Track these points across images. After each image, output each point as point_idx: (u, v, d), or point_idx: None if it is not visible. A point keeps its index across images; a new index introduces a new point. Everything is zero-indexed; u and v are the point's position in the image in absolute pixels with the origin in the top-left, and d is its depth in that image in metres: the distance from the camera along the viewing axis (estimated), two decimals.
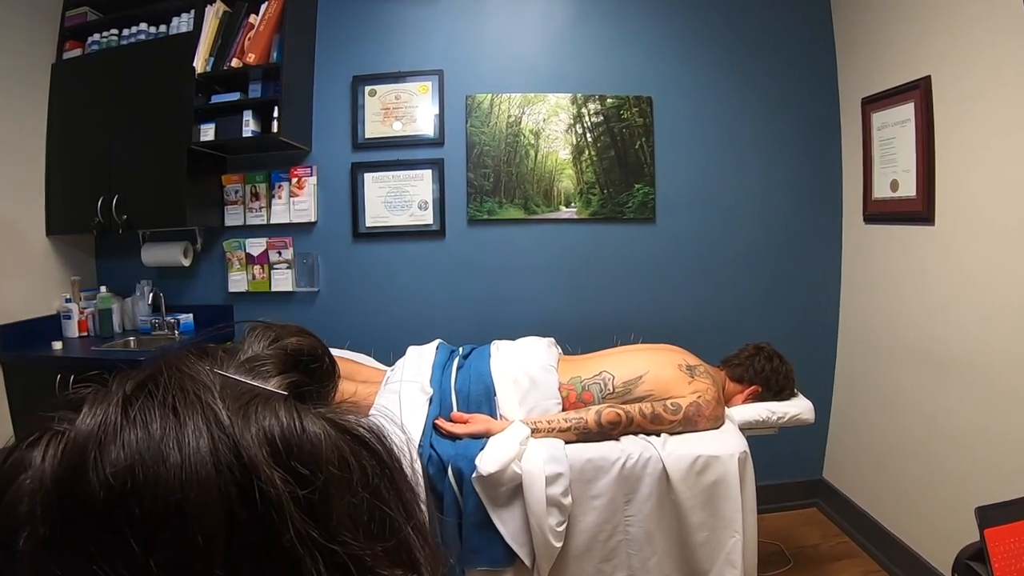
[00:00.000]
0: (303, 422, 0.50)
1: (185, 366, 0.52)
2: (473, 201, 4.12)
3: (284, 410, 0.50)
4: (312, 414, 0.51)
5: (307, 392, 0.56)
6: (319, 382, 0.59)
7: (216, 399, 0.49)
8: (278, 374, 0.55)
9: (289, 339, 0.60)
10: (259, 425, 0.48)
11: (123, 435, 0.46)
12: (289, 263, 4.17)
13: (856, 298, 4.04)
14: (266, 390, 0.52)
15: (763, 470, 3.03)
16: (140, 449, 0.45)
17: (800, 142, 4.16)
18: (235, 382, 0.52)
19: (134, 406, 0.48)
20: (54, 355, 3.75)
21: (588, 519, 2.69)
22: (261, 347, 0.59)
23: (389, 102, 4.11)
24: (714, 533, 2.69)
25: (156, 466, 0.44)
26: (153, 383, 0.50)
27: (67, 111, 4.06)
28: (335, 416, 0.53)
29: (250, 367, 0.55)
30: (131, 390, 0.49)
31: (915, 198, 3.35)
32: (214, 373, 0.52)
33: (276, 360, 0.57)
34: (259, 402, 0.50)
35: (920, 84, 3.27)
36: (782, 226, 4.18)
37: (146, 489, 0.44)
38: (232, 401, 0.49)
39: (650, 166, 4.11)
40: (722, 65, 4.13)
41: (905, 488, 3.48)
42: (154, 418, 0.47)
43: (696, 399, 2.86)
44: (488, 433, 2.79)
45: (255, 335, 0.60)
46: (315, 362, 0.60)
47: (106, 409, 0.47)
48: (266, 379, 0.54)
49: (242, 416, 0.48)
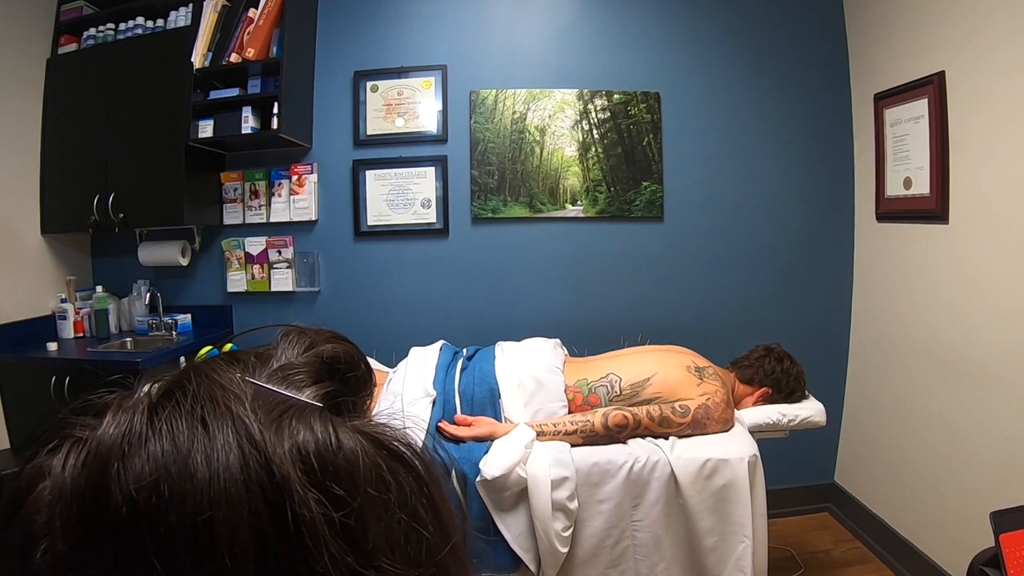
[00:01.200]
0: (339, 437, 0.48)
1: (216, 373, 0.51)
2: (477, 199, 4.13)
3: (319, 424, 0.48)
4: (348, 428, 0.49)
5: (343, 403, 0.54)
6: (355, 392, 0.57)
7: (247, 410, 0.47)
8: (313, 384, 0.53)
9: (324, 346, 0.59)
10: (293, 440, 0.46)
11: (148, 446, 0.44)
12: (289, 262, 4.18)
13: (868, 298, 4.05)
14: (300, 401, 0.50)
15: (773, 474, 3.04)
16: (166, 462, 0.43)
17: (811, 139, 4.16)
18: (267, 392, 0.50)
19: (160, 415, 0.46)
20: (49, 357, 3.75)
21: (595, 524, 2.69)
22: (295, 353, 0.57)
23: (391, 98, 4.12)
24: (723, 538, 2.69)
25: (183, 481, 0.43)
26: (181, 390, 0.48)
27: (62, 107, 4.07)
28: (371, 430, 0.51)
29: (283, 375, 0.53)
30: (157, 397, 0.48)
31: (929, 196, 3.35)
32: (245, 381, 0.51)
33: (311, 368, 0.55)
34: (293, 414, 0.48)
35: (934, 79, 3.27)
36: (793, 225, 4.19)
37: (171, 505, 0.42)
38: (264, 413, 0.47)
39: (658, 163, 4.12)
40: (732, 60, 4.14)
41: (918, 492, 3.49)
42: (181, 429, 0.45)
43: (705, 401, 2.87)
44: (492, 436, 2.80)
45: (288, 340, 0.59)
46: (352, 370, 0.58)
47: (131, 417, 0.46)
48: (300, 389, 0.52)
49: (275, 430, 0.46)
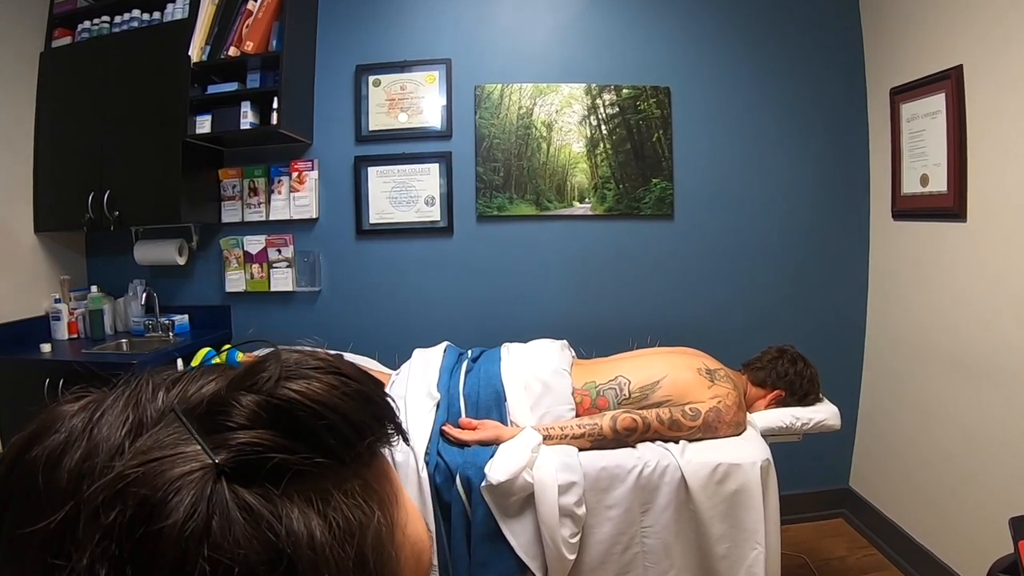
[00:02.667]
0: (198, 509, 0.40)
1: (149, 386, 0.50)
2: (482, 196, 4.15)
3: (180, 484, 0.41)
4: (237, 499, 0.42)
5: (281, 464, 0.44)
6: (322, 448, 0.47)
7: (122, 430, 0.46)
8: (239, 427, 0.45)
9: (292, 383, 0.48)
10: (125, 497, 0.41)
11: (55, 428, 0.47)
12: (289, 262, 4.20)
13: (884, 298, 4.06)
14: (195, 447, 0.44)
15: (786, 479, 3.05)
16: (52, 447, 0.46)
17: (825, 135, 4.17)
18: (174, 427, 0.46)
19: (89, 406, 0.49)
20: (42, 358, 3.76)
21: (603, 530, 2.70)
22: (247, 384, 0.48)
23: (394, 93, 4.14)
24: (735, 545, 2.69)
25: (44, 472, 0.45)
26: (120, 389, 0.50)
27: (56, 102, 4.09)
28: (269, 511, 0.42)
29: (208, 409, 0.47)
30: (103, 391, 0.50)
31: (946, 193, 3.36)
32: (167, 405, 0.48)
33: (249, 412, 0.46)
34: (167, 458, 0.43)
35: (951, 74, 3.28)
36: (806, 223, 4.20)
37: (23, 490, 0.45)
38: (148, 444, 0.44)
39: (668, 160, 4.14)
40: (744, 54, 4.15)
41: (935, 498, 3.50)
42: (76, 424, 0.47)
43: (716, 404, 2.88)
44: (498, 440, 2.81)
45: (257, 367, 0.50)
46: (318, 419, 0.47)
47: (68, 406, 0.49)
48: (214, 432, 0.45)
49: (118, 476, 0.42)
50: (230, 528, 0.40)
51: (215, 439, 0.44)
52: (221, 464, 0.42)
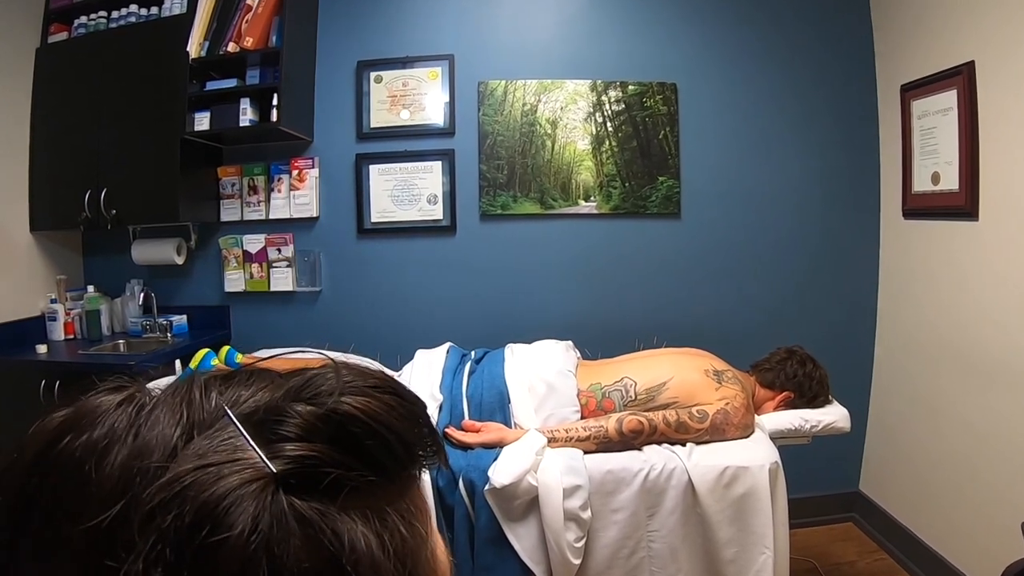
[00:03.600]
0: (258, 521, 0.41)
1: (200, 389, 0.50)
2: (486, 195, 4.16)
3: (240, 493, 0.41)
4: (292, 512, 0.42)
5: (338, 479, 0.44)
6: (374, 465, 0.47)
7: (179, 437, 0.46)
8: (296, 440, 0.46)
9: (347, 397, 0.48)
10: (182, 502, 0.41)
11: (95, 429, 0.46)
12: (289, 261, 4.21)
13: (895, 298, 4.06)
14: (253, 456, 0.44)
15: (795, 482, 3.05)
16: (92, 446, 0.45)
17: (835, 132, 4.18)
18: (228, 432, 0.46)
19: (130, 405, 0.49)
20: (38, 359, 3.77)
21: (608, 534, 2.70)
22: (304, 395, 0.49)
23: (396, 89, 4.15)
24: (743, 549, 2.69)
25: (89, 471, 0.44)
26: (169, 391, 0.50)
27: (52, 99, 4.10)
28: (328, 525, 0.43)
29: (267, 418, 0.47)
30: (144, 390, 0.51)
31: (958, 192, 3.37)
32: (221, 410, 0.48)
33: (305, 423, 0.46)
34: (224, 466, 0.43)
35: (963, 70, 3.28)
36: (816, 222, 4.21)
37: (61, 484, 0.45)
38: (196, 454, 0.44)
39: (675, 157, 4.14)
40: (752, 49, 4.15)
41: (947, 501, 3.51)
42: (121, 423, 0.47)
43: (724, 406, 2.88)
44: (502, 442, 2.82)
45: (312, 378, 0.51)
46: (372, 437, 0.48)
47: (107, 398, 0.49)
48: (270, 442, 0.45)
49: (175, 480, 0.42)
50: (290, 541, 0.41)
51: (271, 449, 0.44)
52: (279, 475, 0.43)
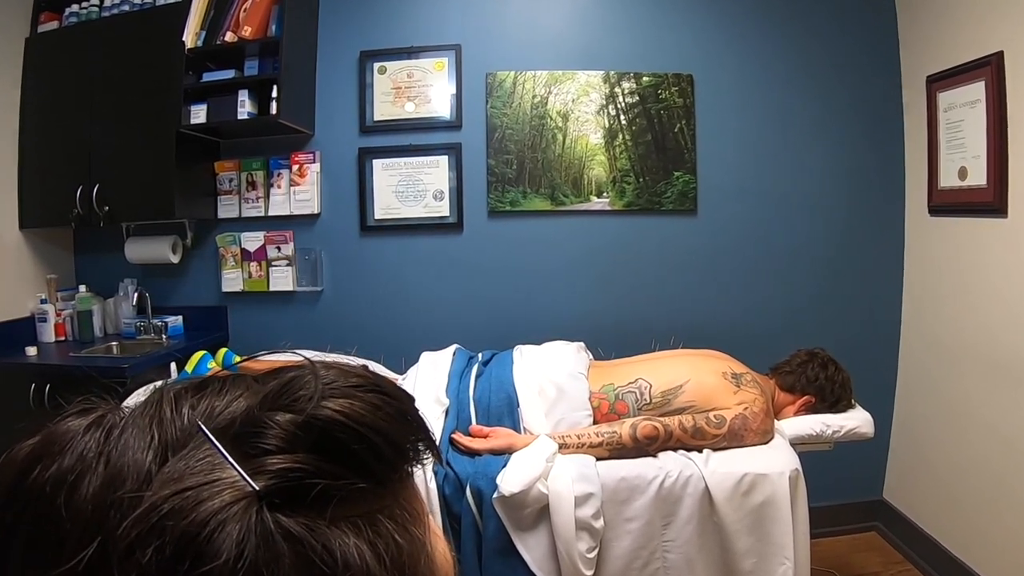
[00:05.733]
0: (244, 547, 0.40)
1: (169, 405, 0.49)
2: (494, 191, 4.17)
3: (223, 517, 0.41)
4: (281, 530, 0.41)
5: (325, 490, 0.44)
6: (362, 471, 0.46)
7: (149, 456, 0.45)
8: (276, 451, 0.45)
9: (328, 400, 0.47)
10: (162, 534, 0.40)
11: (64, 454, 0.46)
12: (289, 260, 4.23)
13: (920, 299, 4.07)
14: (233, 474, 0.43)
15: (817, 490, 3.06)
16: (59, 477, 0.45)
17: (858, 125, 4.18)
18: (204, 449, 0.45)
19: (97, 428, 0.48)
20: (28, 362, 3.79)
21: (622, 544, 2.71)
22: (282, 402, 0.48)
23: (401, 80, 4.17)
24: (762, 560, 2.70)
25: (63, 498, 0.44)
26: (138, 409, 0.49)
27: (42, 90, 4.12)
28: (319, 541, 0.42)
29: (241, 431, 0.47)
30: (111, 410, 0.50)
31: (986, 187, 3.38)
32: (194, 426, 0.47)
33: (287, 433, 0.46)
34: (202, 493, 0.42)
35: (991, 60, 3.29)
36: (838, 218, 4.21)
37: (34, 514, 0.44)
38: (167, 482, 0.43)
39: (691, 152, 4.16)
40: (771, 39, 4.16)
41: (974, 510, 3.52)
42: (90, 448, 0.46)
43: (742, 411, 2.88)
44: (511, 449, 2.83)
45: (288, 383, 0.50)
46: (358, 442, 0.47)
47: (75, 422, 0.48)
48: (249, 457, 0.44)
49: (152, 509, 0.41)
50: (279, 563, 0.40)
51: (252, 464, 0.44)
52: (262, 492, 0.42)
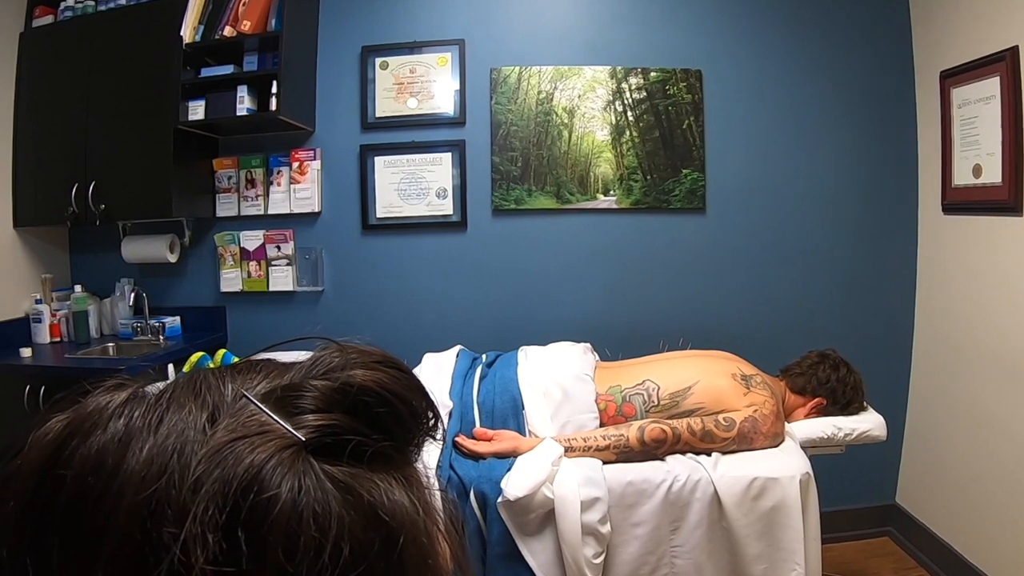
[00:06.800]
0: (297, 483, 0.45)
1: (212, 377, 0.54)
2: (498, 188, 4.18)
3: (277, 458, 0.45)
4: (324, 474, 0.46)
5: (358, 446, 0.49)
6: (386, 434, 0.52)
7: (202, 422, 0.49)
8: (315, 411, 0.50)
9: (357, 370, 0.54)
10: (224, 468, 0.45)
11: (107, 428, 0.49)
12: (289, 259, 4.23)
13: (934, 299, 4.07)
14: (279, 428, 0.48)
15: (828, 494, 3.07)
16: (107, 450, 0.47)
17: (870, 121, 4.18)
18: (253, 410, 0.50)
19: (133, 403, 0.51)
20: (22, 363, 3.79)
21: (629, 550, 2.72)
22: (318, 372, 0.54)
23: (403, 76, 4.17)
24: (773, 566, 2.71)
25: (107, 477, 0.46)
26: (171, 387, 0.53)
27: (37, 86, 4.13)
28: (360, 485, 0.47)
29: (284, 395, 0.51)
30: (143, 390, 0.54)
31: (1001, 185, 3.38)
32: (238, 394, 0.52)
33: (321, 395, 0.51)
34: (255, 440, 0.47)
35: (1007, 55, 3.29)
36: (849, 217, 4.22)
37: (85, 494, 0.46)
38: (226, 431, 0.48)
39: (700, 149, 4.16)
40: (781, 33, 4.16)
41: (990, 514, 3.52)
42: (136, 419, 0.49)
43: (752, 413, 2.89)
44: (515, 452, 2.84)
45: (318, 358, 0.56)
46: (383, 406, 0.53)
47: (110, 398, 0.52)
48: (292, 416, 0.49)
49: (218, 451, 0.46)
50: (329, 501, 0.45)
51: (294, 421, 0.49)
52: (306, 442, 0.47)
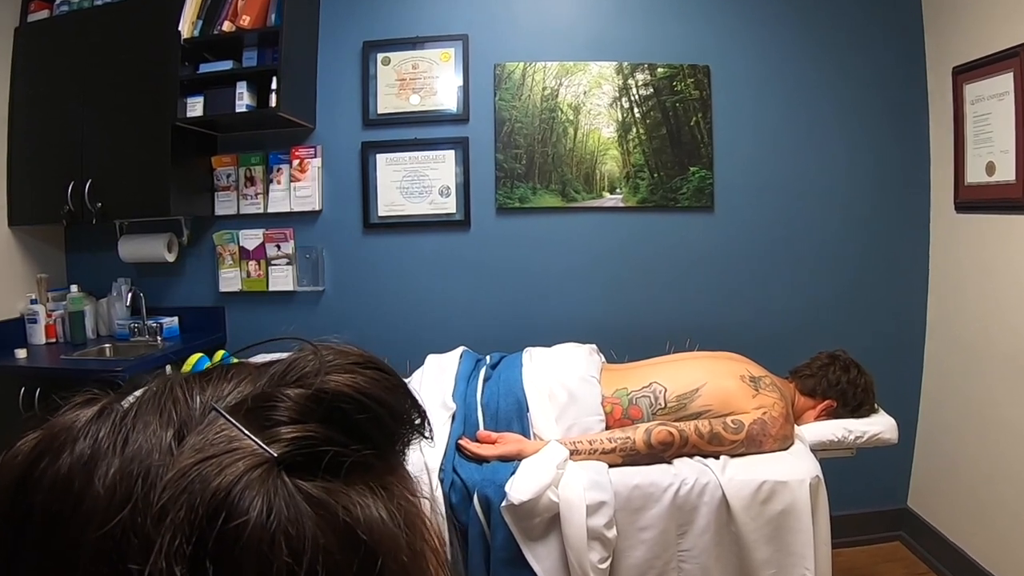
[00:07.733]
0: (268, 504, 0.43)
1: (178, 388, 0.52)
2: (503, 186, 4.18)
3: (245, 482, 0.44)
4: (299, 491, 0.45)
5: (336, 457, 0.47)
6: (366, 441, 0.50)
7: (167, 439, 0.48)
8: (289, 423, 0.48)
9: (334, 376, 0.52)
10: (191, 495, 0.43)
11: (74, 447, 0.48)
12: (289, 258, 4.24)
13: (946, 299, 4.07)
14: (249, 444, 0.46)
15: (838, 498, 3.07)
16: (74, 471, 0.47)
17: (881, 118, 4.18)
18: (222, 424, 0.48)
19: (102, 419, 0.50)
20: (17, 365, 3.80)
21: (635, 555, 2.72)
22: (289, 379, 0.52)
23: (405, 72, 4.17)
24: (782, 571, 2.71)
25: (73, 501, 0.46)
26: (141, 400, 0.52)
27: (33, 82, 4.14)
28: (336, 501, 0.46)
29: (256, 406, 0.49)
30: (113, 401, 0.53)
31: (1014, 183, 3.38)
32: (206, 406, 0.50)
33: (295, 404, 0.49)
34: (224, 459, 0.45)
35: (1020, 51, 3.29)
36: (860, 215, 4.21)
37: (49, 518, 0.46)
38: (192, 449, 0.46)
39: (707, 146, 4.16)
40: (790, 29, 4.16)
41: (1002, 519, 3.52)
42: (102, 438, 0.48)
43: (761, 416, 2.89)
44: (520, 455, 2.84)
45: (292, 361, 0.54)
46: (362, 412, 0.51)
47: (79, 414, 0.51)
48: (263, 429, 0.48)
49: (183, 472, 0.44)
50: (303, 521, 0.43)
51: (266, 435, 0.47)
52: (279, 458, 0.46)
